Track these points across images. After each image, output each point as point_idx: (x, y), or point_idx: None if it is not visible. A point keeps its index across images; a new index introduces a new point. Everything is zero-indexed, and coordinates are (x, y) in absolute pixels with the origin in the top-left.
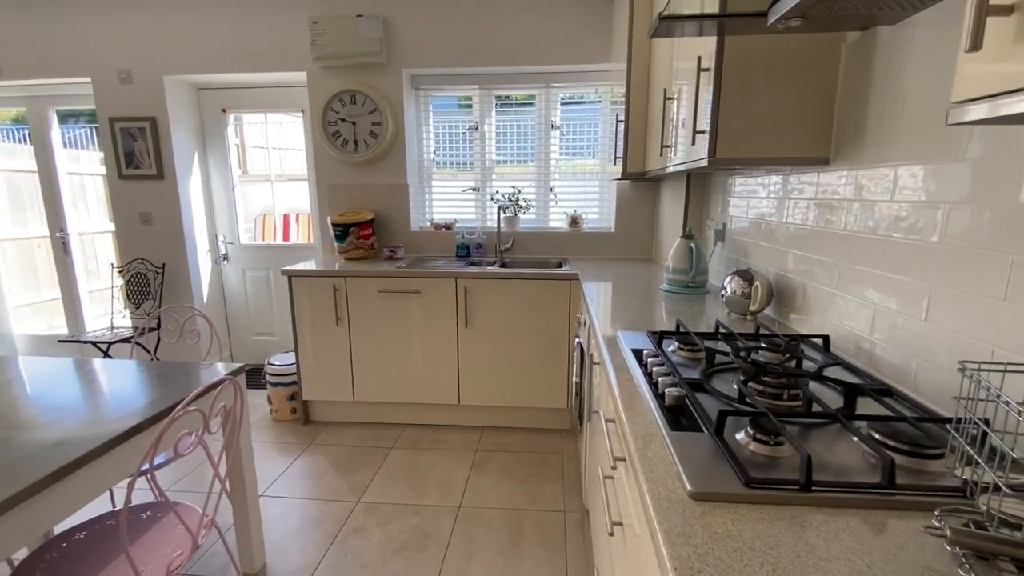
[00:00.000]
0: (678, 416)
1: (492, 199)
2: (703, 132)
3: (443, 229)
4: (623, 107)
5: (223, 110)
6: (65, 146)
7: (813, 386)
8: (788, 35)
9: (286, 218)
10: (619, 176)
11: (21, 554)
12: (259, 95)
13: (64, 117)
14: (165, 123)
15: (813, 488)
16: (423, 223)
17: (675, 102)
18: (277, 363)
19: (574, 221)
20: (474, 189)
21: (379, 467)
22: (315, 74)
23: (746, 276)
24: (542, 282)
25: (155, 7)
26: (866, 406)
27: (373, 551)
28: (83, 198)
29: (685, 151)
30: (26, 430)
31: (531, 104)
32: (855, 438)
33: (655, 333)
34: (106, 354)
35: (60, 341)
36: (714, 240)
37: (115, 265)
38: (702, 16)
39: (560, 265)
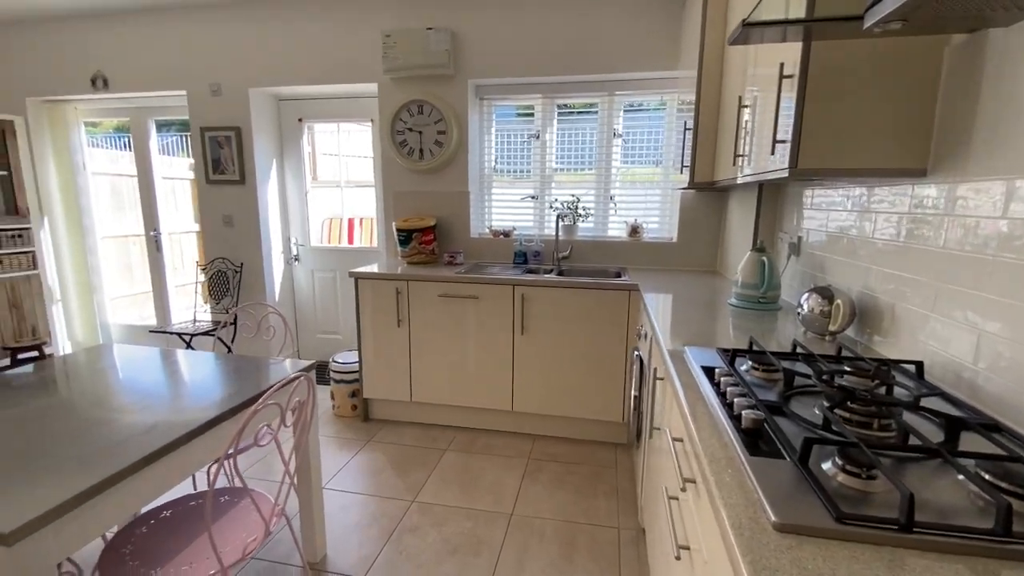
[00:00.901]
0: (756, 440)
1: (551, 207)
2: (783, 142)
3: (501, 236)
4: (691, 114)
5: (300, 120)
6: (159, 153)
7: (907, 416)
8: (883, 39)
9: (351, 222)
10: (685, 185)
11: (111, 530)
12: (332, 105)
13: (159, 126)
14: (248, 132)
15: (915, 529)
16: (482, 230)
17: (750, 110)
18: (341, 361)
19: (634, 230)
20: (533, 197)
21: (434, 468)
22: (385, 85)
23: (825, 294)
24: (600, 292)
25: (244, 26)
26: (971, 442)
27: (427, 551)
28: (173, 200)
29: (761, 161)
30: (124, 414)
31: (593, 112)
32: (961, 476)
33: (726, 350)
34: (188, 345)
35: (151, 331)
36: (787, 254)
37: (199, 263)
38: (787, 22)
39: (619, 275)
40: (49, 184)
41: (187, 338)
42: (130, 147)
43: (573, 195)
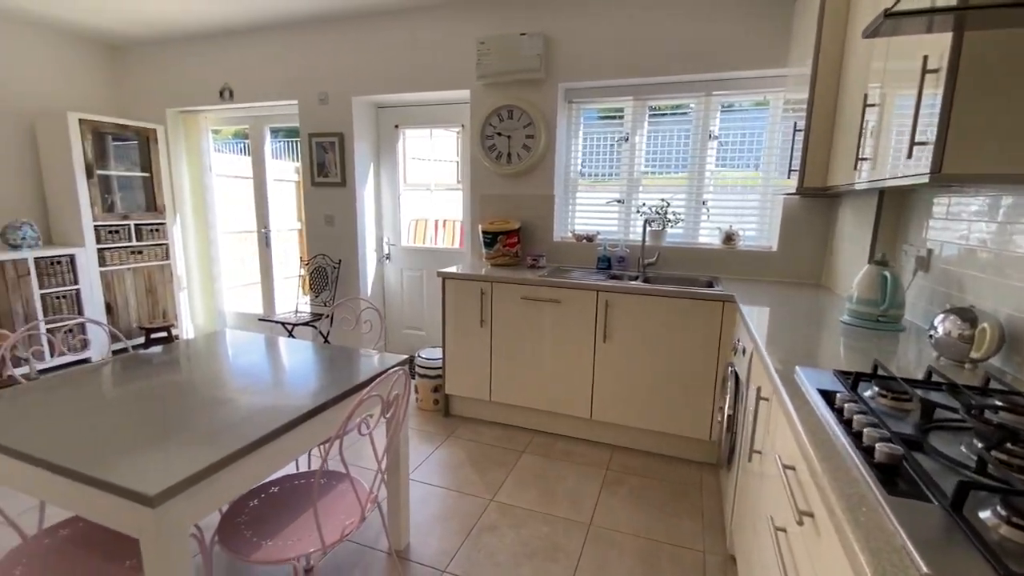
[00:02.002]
0: (892, 477)
1: (638, 211)
2: (924, 143)
3: (584, 240)
4: (801, 114)
5: (396, 126)
6: (272, 157)
7: None
8: None
9: (436, 223)
10: (792, 191)
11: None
12: (426, 112)
13: (270, 133)
14: (350, 138)
15: None
16: (565, 233)
17: (877, 109)
18: (425, 356)
19: (729, 238)
20: (619, 201)
21: (511, 469)
22: (477, 91)
23: (967, 315)
24: (690, 301)
25: (350, 38)
26: None
27: (505, 551)
28: (280, 200)
29: (892, 165)
30: (241, 395)
31: (685, 113)
32: None
33: (846, 373)
34: (290, 333)
35: (259, 319)
36: (913, 269)
37: (302, 258)
38: (935, 10)
39: (710, 284)
40: (182, 184)
41: (289, 327)
42: (246, 152)
43: (662, 199)
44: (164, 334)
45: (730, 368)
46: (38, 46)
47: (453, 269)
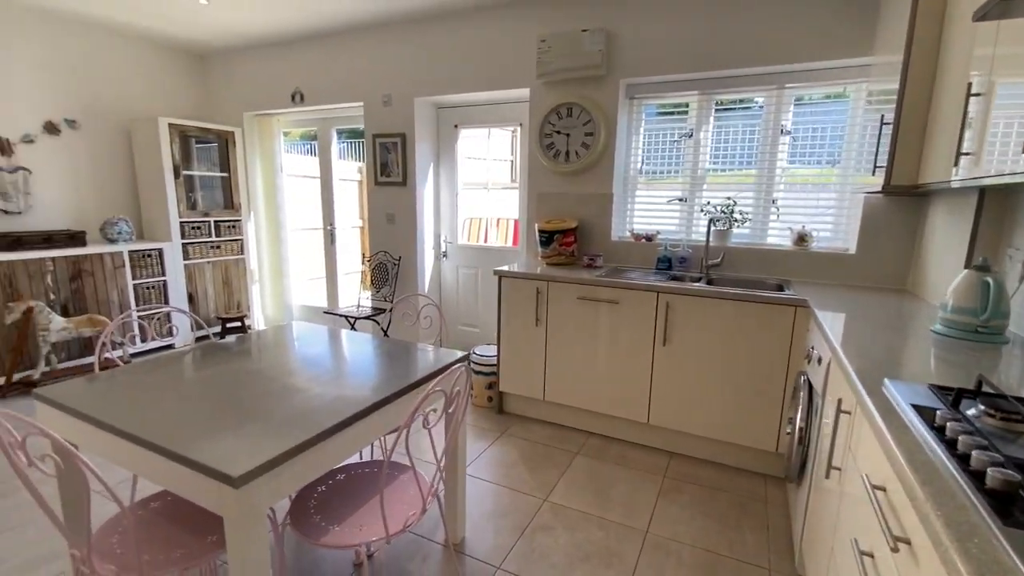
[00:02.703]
0: (1007, 506)
1: (702, 210)
2: None
3: (643, 240)
4: (889, 106)
5: (455, 126)
6: (339, 158)
7: None
8: None
9: (488, 222)
10: (876, 188)
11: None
12: (484, 111)
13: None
14: (412, 138)
15: None
16: (623, 233)
17: (983, 99)
18: (480, 353)
19: (801, 239)
20: (681, 199)
21: (565, 470)
22: (537, 90)
23: None
24: (759, 305)
25: (412, 41)
26: None
27: (559, 553)
28: (343, 199)
29: (999, 160)
30: (312, 384)
31: (750, 107)
32: None
33: (945, 389)
34: (352, 326)
35: (324, 312)
36: (1020, 275)
37: (365, 255)
38: None
39: (780, 288)
40: (255, 184)
41: (352, 320)
42: (313, 152)
43: (728, 197)
44: (238, 324)
45: (802, 377)
46: (135, 58)
47: (510, 267)
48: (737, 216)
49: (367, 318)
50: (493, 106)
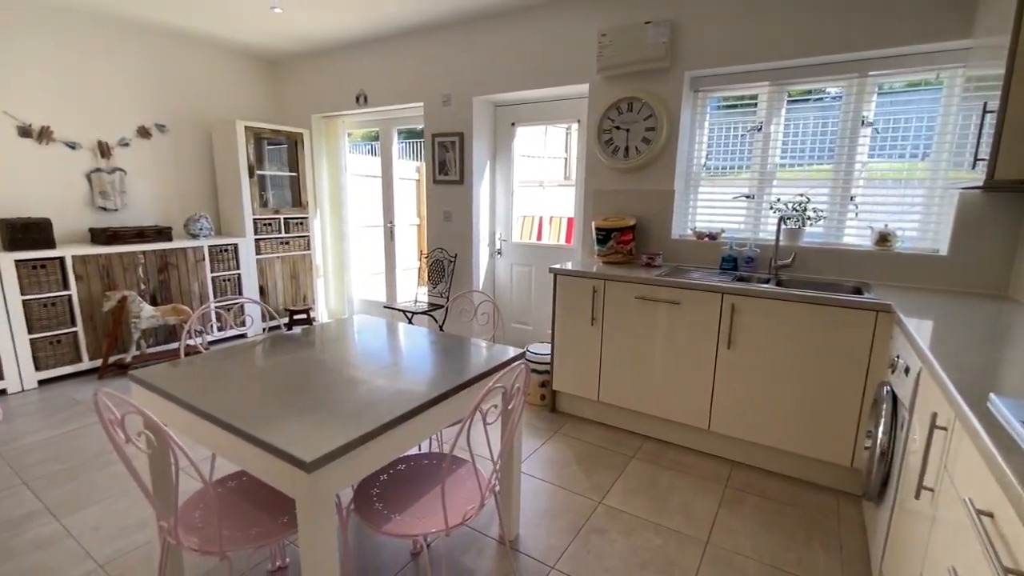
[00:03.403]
0: None
1: (771, 208)
2: None
3: (706, 239)
4: (992, 92)
5: (512, 124)
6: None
7: None
8: None
9: (541, 220)
10: (975, 184)
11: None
12: (541, 108)
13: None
14: (469, 137)
15: None
16: (684, 231)
17: None
18: (534, 351)
19: (883, 238)
20: (747, 196)
21: (620, 473)
22: (596, 85)
23: None
24: (835, 309)
25: (471, 40)
26: None
27: (615, 557)
28: (401, 197)
29: None
30: (375, 376)
31: (822, 97)
32: None
33: None
34: (410, 320)
35: (384, 307)
36: None
37: (422, 252)
38: None
39: (858, 291)
40: (321, 183)
41: (409, 315)
42: (373, 152)
43: (801, 194)
44: (304, 316)
45: (885, 388)
46: (216, 65)
47: (565, 265)
48: (810, 214)
49: (424, 313)
50: (550, 103)
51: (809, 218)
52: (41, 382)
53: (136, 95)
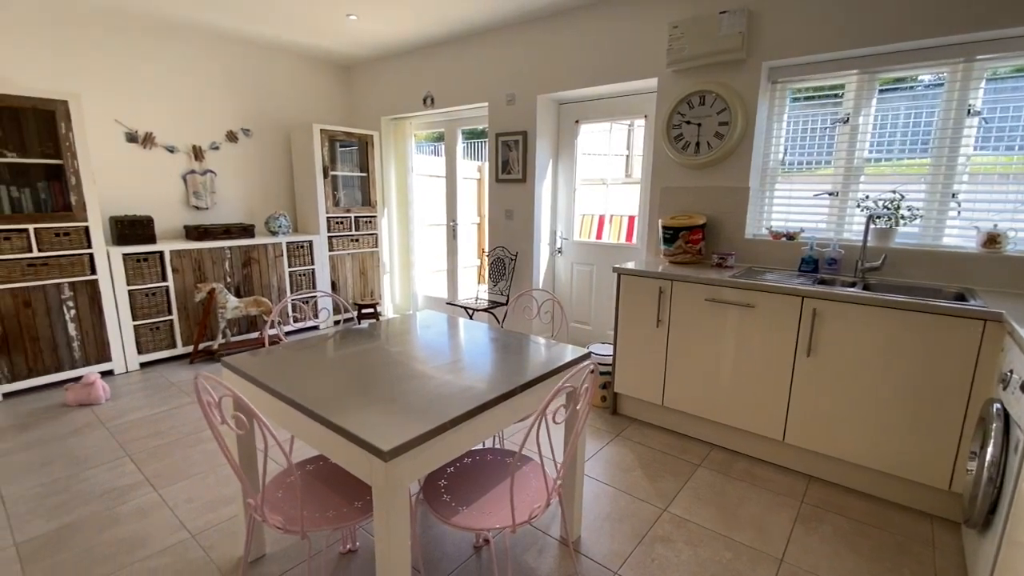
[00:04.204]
0: None
1: (858, 206)
2: None
3: (783, 238)
4: None
5: (576, 121)
6: (462, 157)
7: None
8: None
9: (601, 219)
10: None
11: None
12: (606, 105)
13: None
14: (532, 135)
15: None
16: (758, 231)
17: None
18: (595, 352)
19: (991, 239)
20: (831, 193)
21: (686, 481)
22: (666, 79)
23: None
24: (933, 316)
25: (536, 38)
26: None
27: (681, 568)
28: (463, 196)
29: None
30: (441, 372)
31: (915, 86)
32: None
33: None
34: (471, 317)
35: (447, 303)
36: None
37: (483, 250)
38: None
39: (962, 297)
40: (389, 182)
41: (470, 312)
42: (436, 153)
43: (893, 191)
44: (371, 310)
45: (995, 406)
46: (294, 71)
47: (630, 265)
48: (904, 212)
49: (485, 310)
50: (615, 99)
51: (903, 217)
52: (142, 364)
53: (225, 102)
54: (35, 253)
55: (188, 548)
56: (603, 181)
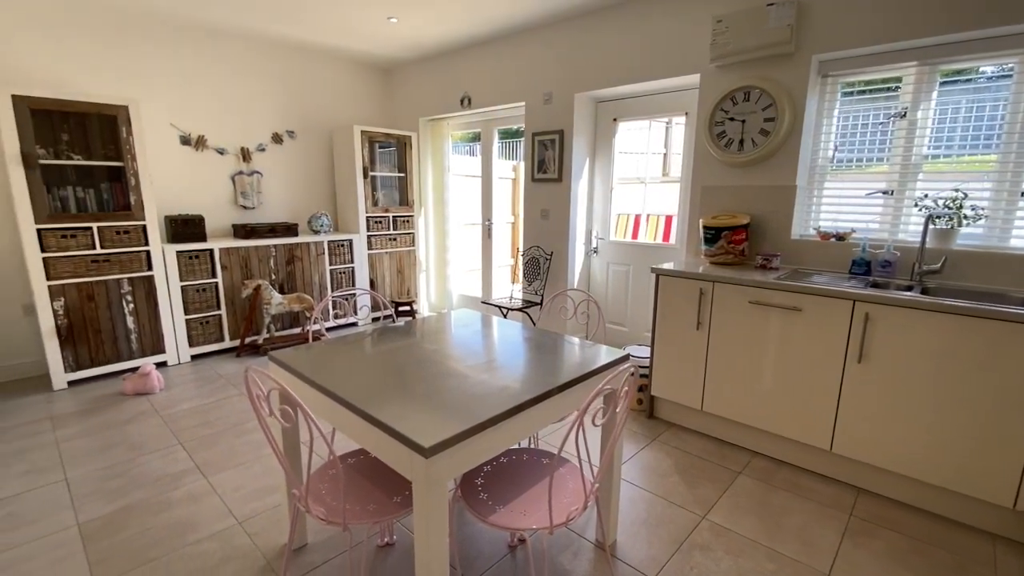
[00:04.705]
0: None
1: (916, 205)
2: None
3: (832, 239)
4: None
5: (614, 120)
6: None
7: None
8: None
9: (637, 218)
10: None
11: None
12: (645, 103)
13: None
14: (569, 134)
15: None
16: (805, 231)
17: None
18: (632, 354)
19: None
20: (885, 192)
21: (726, 489)
22: (709, 75)
23: None
24: (1001, 324)
25: (575, 37)
26: None
27: None
28: (497, 196)
29: None
30: (476, 371)
31: (976, 78)
32: None
33: None
34: (505, 316)
35: (482, 302)
36: None
37: (519, 249)
38: None
39: None
40: (426, 183)
41: (504, 311)
42: (472, 153)
43: (956, 189)
44: (408, 308)
45: None
46: (337, 74)
47: (668, 265)
48: (968, 212)
49: (519, 309)
50: (655, 96)
51: (966, 217)
52: (193, 357)
53: (272, 105)
54: (98, 250)
55: (235, 534)
56: (641, 180)
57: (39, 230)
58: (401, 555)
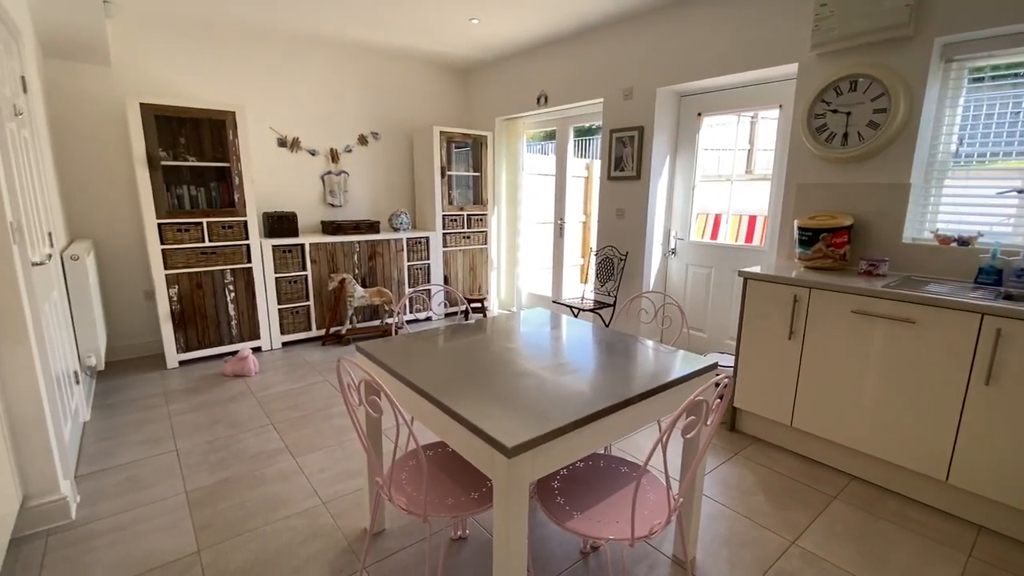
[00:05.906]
0: None
1: None
2: None
3: (954, 243)
4: None
5: (699, 114)
6: (574, 155)
7: None
8: None
9: (717, 218)
10: None
11: None
12: (734, 96)
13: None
14: (650, 131)
15: None
16: (920, 234)
17: None
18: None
19: None
20: (1021, 191)
21: (818, 514)
22: (808, 64)
23: None
24: None
25: (656, 30)
26: None
27: None
28: (570, 195)
29: None
30: (553, 373)
31: None
32: None
33: None
34: (575, 316)
35: (553, 302)
36: None
37: (592, 248)
38: None
39: None
40: (500, 181)
41: (575, 311)
42: (545, 152)
43: None
44: (479, 305)
45: None
46: (417, 76)
47: (756, 269)
48: None
49: (591, 310)
50: (744, 88)
51: None
52: (284, 344)
53: (358, 107)
54: (206, 243)
55: (319, 514)
56: (727, 177)
57: (159, 224)
58: (473, 550)
